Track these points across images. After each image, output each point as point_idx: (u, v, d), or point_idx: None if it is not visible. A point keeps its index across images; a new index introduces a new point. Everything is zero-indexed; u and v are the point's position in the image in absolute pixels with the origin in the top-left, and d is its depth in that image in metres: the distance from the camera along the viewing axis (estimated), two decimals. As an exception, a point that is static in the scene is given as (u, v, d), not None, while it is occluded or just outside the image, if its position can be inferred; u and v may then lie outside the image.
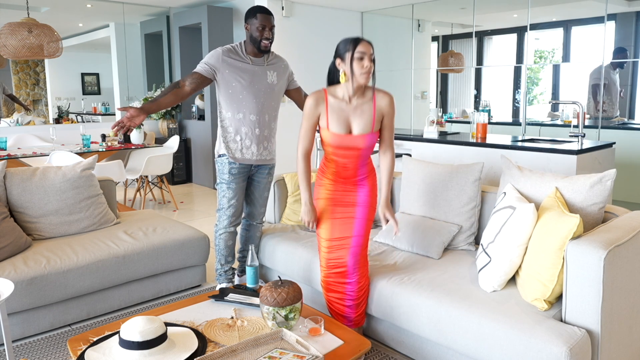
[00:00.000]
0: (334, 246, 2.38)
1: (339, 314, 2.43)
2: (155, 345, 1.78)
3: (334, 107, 2.27)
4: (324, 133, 2.31)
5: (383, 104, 2.31)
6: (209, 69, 2.82)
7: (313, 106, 2.29)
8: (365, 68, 2.17)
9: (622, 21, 5.90)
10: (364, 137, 2.29)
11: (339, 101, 2.28)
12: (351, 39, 2.20)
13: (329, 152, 2.37)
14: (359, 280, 2.36)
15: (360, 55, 2.16)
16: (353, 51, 2.16)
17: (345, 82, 2.25)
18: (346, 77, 2.22)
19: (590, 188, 2.19)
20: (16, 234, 2.81)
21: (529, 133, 5.76)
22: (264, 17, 2.81)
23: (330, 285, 2.43)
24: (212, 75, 2.83)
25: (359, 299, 2.39)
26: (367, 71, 2.18)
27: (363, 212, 2.38)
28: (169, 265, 3.11)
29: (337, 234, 2.37)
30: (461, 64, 7.08)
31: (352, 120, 2.28)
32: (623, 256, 1.90)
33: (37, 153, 4.90)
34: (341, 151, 2.33)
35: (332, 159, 2.38)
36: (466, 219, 2.71)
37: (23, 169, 3.12)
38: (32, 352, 2.53)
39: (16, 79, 7.43)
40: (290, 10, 6.11)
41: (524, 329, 1.87)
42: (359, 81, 2.21)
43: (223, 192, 2.96)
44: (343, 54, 2.20)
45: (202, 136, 6.84)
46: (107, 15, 7.31)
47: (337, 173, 2.39)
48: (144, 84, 7.59)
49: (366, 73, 2.18)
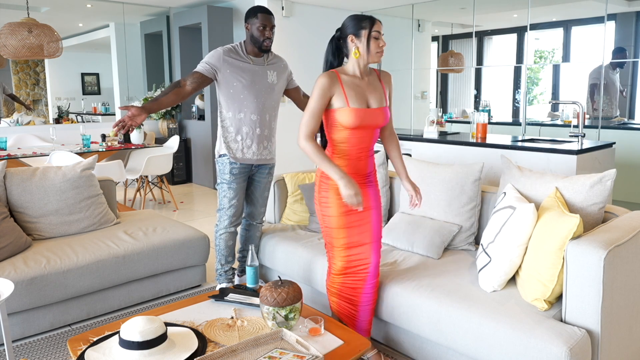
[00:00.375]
0: (352, 254, 2.28)
1: (350, 320, 2.35)
2: (155, 345, 1.78)
3: (348, 83, 2.22)
4: (342, 114, 2.18)
5: (386, 80, 2.37)
6: (209, 69, 2.82)
7: (328, 85, 2.17)
8: (381, 47, 2.21)
9: (622, 21, 5.90)
10: (382, 110, 2.27)
11: (352, 77, 2.24)
12: (366, 17, 2.20)
13: (342, 140, 2.23)
14: (377, 282, 2.35)
15: (376, 35, 2.19)
16: (370, 30, 2.18)
17: (356, 60, 2.23)
18: (359, 54, 2.21)
19: (590, 188, 2.19)
20: (16, 234, 2.81)
21: (529, 133, 5.76)
22: (265, 17, 2.81)
23: (343, 292, 2.32)
24: (213, 75, 2.83)
25: (374, 302, 2.36)
26: (382, 50, 2.22)
27: (377, 214, 2.32)
28: (169, 265, 3.11)
29: (355, 241, 2.27)
30: (461, 64, 7.08)
31: (369, 95, 2.25)
32: (623, 256, 1.90)
33: (37, 153, 4.90)
34: (359, 133, 2.22)
35: (344, 150, 2.24)
36: (466, 219, 2.71)
37: (23, 169, 3.12)
38: (32, 352, 2.53)
39: (16, 79, 7.43)
40: (290, 10, 6.11)
41: (524, 329, 1.87)
42: (374, 59, 2.23)
43: (224, 192, 2.95)
44: (357, 32, 2.19)
45: (202, 136, 6.84)
46: (107, 15, 7.31)
47: (349, 167, 2.25)
48: (144, 84, 7.59)
49: (381, 52, 2.22)
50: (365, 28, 2.18)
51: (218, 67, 2.81)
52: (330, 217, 2.28)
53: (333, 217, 2.27)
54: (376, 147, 2.46)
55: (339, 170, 2.15)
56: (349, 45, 2.22)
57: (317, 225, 3.14)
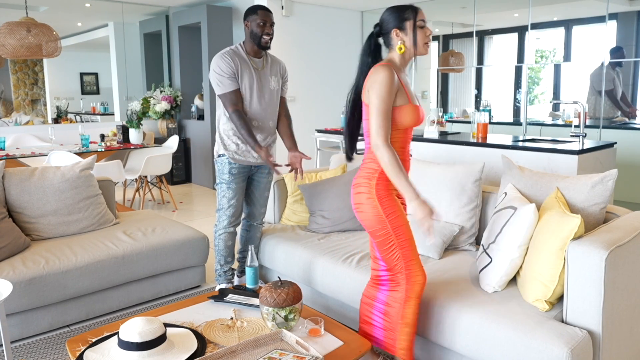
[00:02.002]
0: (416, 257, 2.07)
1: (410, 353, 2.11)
2: (154, 346, 1.77)
3: (403, 79, 2.01)
4: (405, 112, 1.96)
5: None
6: (235, 80, 2.78)
7: (394, 80, 1.92)
8: (428, 37, 1.99)
9: (623, 21, 5.89)
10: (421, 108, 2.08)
11: (401, 73, 2.03)
12: (407, 7, 1.98)
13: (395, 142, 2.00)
14: None
15: (422, 24, 1.97)
16: (415, 20, 1.96)
17: (401, 54, 2.01)
18: (405, 48, 2.00)
19: (591, 188, 2.18)
20: (15, 234, 2.80)
21: (530, 133, 5.75)
22: (265, 13, 2.81)
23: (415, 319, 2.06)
24: (237, 81, 2.81)
25: None
26: (429, 40, 1.99)
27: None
28: (168, 266, 3.10)
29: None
30: (462, 64, 7.07)
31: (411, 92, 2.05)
32: (624, 257, 1.89)
33: (35, 153, 4.89)
34: (409, 133, 2.05)
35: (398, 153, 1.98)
36: (467, 219, 2.70)
37: (22, 169, 3.11)
38: (31, 353, 2.52)
39: (15, 79, 7.42)
40: (290, 10, 6.10)
41: (525, 330, 1.86)
42: (422, 52, 2.00)
43: (223, 192, 2.94)
44: (401, 24, 1.97)
45: (201, 136, 6.83)
46: (106, 14, 7.30)
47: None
48: (143, 84, 7.58)
49: (429, 42, 1.99)
50: (409, 19, 1.96)
51: (234, 72, 2.78)
52: (403, 226, 2.00)
53: (405, 226, 2.01)
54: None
55: (413, 188, 1.89)
56: (392, 40, 2.01)
57: (317, 226, 3.13)
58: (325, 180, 3.24)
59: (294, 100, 6.26)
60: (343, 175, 3.25)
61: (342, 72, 6.81)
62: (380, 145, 1.90)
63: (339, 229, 3.11)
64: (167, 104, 6.68)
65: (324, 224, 3.12)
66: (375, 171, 2.00)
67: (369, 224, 2.02)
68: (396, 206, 2.00)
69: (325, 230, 3.11)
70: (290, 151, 2.96)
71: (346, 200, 3.10)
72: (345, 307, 2.70)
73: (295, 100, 6.29)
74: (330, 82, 6.70)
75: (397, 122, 1.98)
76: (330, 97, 6.68)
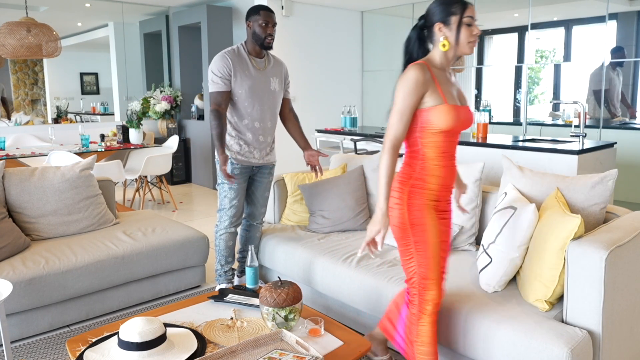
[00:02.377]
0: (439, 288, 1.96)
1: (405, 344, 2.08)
2: (154, 346, 1.77)
3: (440, 78, 1.89)
4: (438, 113, 1.83)
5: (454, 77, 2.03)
6: (228, 83, 2.78)
7: (422, 79, 1.81)
8: (475, 36, 1.87)
9: (623, 21, 5.89)
10: (469, 109, 1.96)
11: (441, 71, 1.92)
12: (457, 1, 1.86)
13: (433, 148, 1.88)
14: None
15: (469, 21, 1.85)
16: (462, 15, 1.84)
17: (444, 52, 1.89)
18: (449, 45, 1.88)
19: (591, 188, 2.18)
20: (15, 234, 2.80)
21: (530, 133, 5.75)
22: (267, 14, 2.81)
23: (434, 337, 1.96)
24: (230, 85, 2.80)
25: None
26: (475, 39, 1.88)
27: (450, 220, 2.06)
28: (168, 266, 3.10)
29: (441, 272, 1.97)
30: (461, 64, 7.06)
31: (454, 92, 1.94)
32: (624, 257, 1.89)
33: (35, 153, 4.89)
34: (452, 137, 1.90)
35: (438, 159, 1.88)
36: (467, 219, 2.70)
37: (22, 169, 3.11)
38: (31, 353, 2.51)
39: (15, 79, 7.41)
40: (290, 10, 6.10)
41: (524, 330, 1.86)
42: (464, 51, 1.88)
43: (225, 193, 2.94)
44: (446, 18, 1.86)
45: (201, 136, 6.83)
46: (106, 14, 7.30)
47: (444, 179, 1.91)
48: (143, 84, 7.57)
49: (474, 41, 1.88)
50: (455, 14, 1.85)
51: (230, 74, 2.78)
52: (426, 243, 1.89)
53: (430, 242, 1.89)
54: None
55: (386, 203, 1.81)
56: (435, 34, 1.89)
57: (317, 226, 3.13)
58: (325, 180, 3.23)
59: (294, 100, 6.24)
60: (343, 175, 3.25)
61: (342, 72, 6.81)
62: (385, 146, 1.84)
63: (339, 229, 3.11)
64: (167, 104, 6.68)
65: (324, 224, 3.12)
66: (409, 177, 1.90)
67: (393, 229, 1.95)
68: (426, 219, 1.88)
69: (325, 230, 3.11)
70: (305, 150, 3.06)
71: (346, 200, 3.10)
72: (345, 307, 2.70)
73: (296, 100, 6.28)
74: (330, 82, 6.70)
75: (432, 124, 1.85)
76: (330, 97, 6.68)
